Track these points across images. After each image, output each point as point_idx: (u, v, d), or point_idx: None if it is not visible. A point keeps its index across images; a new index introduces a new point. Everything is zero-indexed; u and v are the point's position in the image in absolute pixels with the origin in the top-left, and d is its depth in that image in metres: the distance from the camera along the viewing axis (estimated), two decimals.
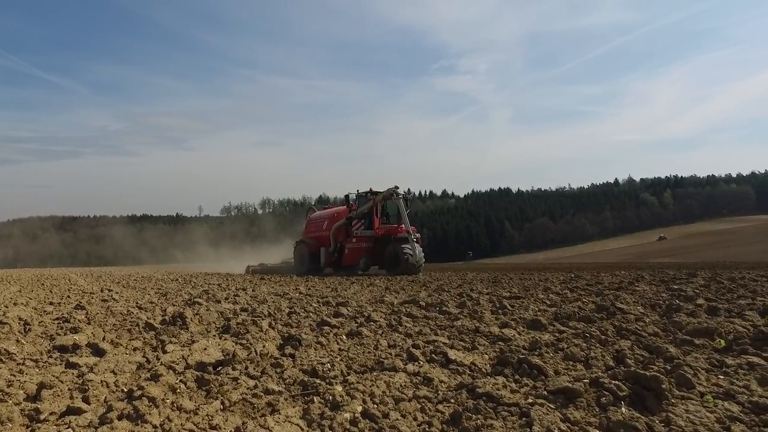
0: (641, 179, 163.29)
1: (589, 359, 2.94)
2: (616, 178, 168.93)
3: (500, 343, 3.51)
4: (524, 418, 1.96)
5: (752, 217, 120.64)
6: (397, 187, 19.35)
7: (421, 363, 2.95)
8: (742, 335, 3.50)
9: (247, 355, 3.37)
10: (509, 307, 5.54)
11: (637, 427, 1.99)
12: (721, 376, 2.58)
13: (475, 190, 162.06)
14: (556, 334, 3.78)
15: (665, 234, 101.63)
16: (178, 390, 2.51)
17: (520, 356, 2.84)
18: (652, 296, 6.96)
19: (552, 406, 2.17)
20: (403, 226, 18.77)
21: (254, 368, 3.04)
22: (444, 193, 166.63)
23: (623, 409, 2.13)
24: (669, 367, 2.68)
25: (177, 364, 2.97)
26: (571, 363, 2.92)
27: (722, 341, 3.46)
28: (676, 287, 8.08)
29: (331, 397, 2.25)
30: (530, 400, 2.17)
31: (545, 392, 2.31)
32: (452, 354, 3.03)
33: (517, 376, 2.66)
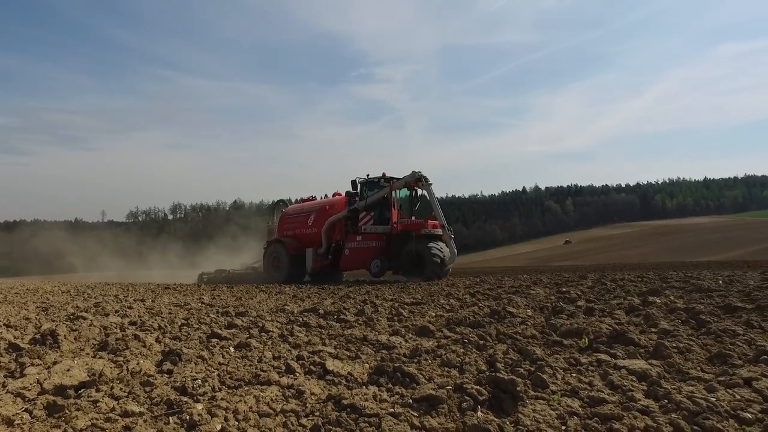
0: (546, 188, 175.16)
1: (464, 365, 3.07)
2: (524, 187, 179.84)
3: (384, 351, 3.58)
4: (378, 429, 2.00)
5: (637, 223, 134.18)
6: (420, 172, 15.42)
7: (298, 375, 2.93)
8: (602, 334, 3.83)
9: (118, 373, 3.15)
10: (406, 315, 5.66)
11: (489, 429, 2.09)
12: (574, 374, 2.80)
13: None
14: (442, 341, 3.92)
15: (570, 238, 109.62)
16: (18, 421, 2.28)
17: (396, 365, 2.90)
18: (543, 299, 7.42)
19: (415, 414, 2.23)
20: (431, 220, 15.06)
21: (121, 388, 2.84)
22: None
23: (479, 413, 2.24)
24: (532, 369, 2.87)
25: (28, 390, 2.70)
26: (446, 369, 3.03)
27: (586, 341, 3.77)
28: (564, 290, 8.69)
29: (188, 417, 2.16)
30: (391, 410, 2.22)
31: (411, 401, 2.37)
32: (331, 365, 3.04)
33: (390, 385, 2.71)
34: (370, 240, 15.57)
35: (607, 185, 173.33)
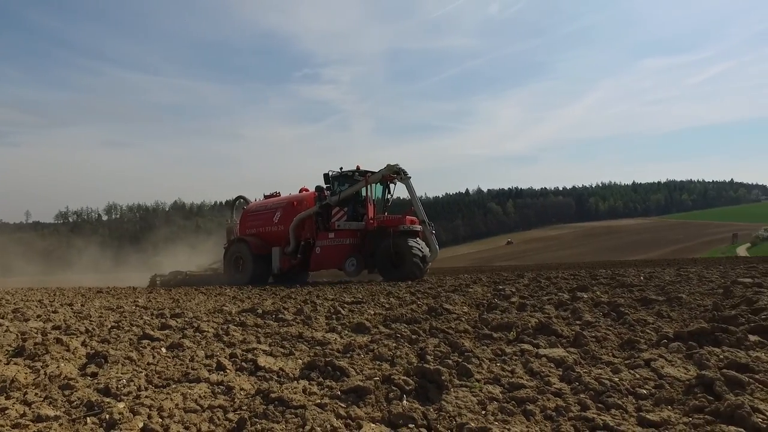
0: (488, 190, 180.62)
1: (395, 358, 3.15)
2: (467, 189, 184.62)
3: (318, 347, 3.61)
4: (303, 419, 2.04)
5: (573, 225, 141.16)
6: (398, 165, 14.70)
7: (229, 372, 2.91)
8: (529, 327, 4.04)
9: (34, 379, 3.00)
10: (344, 313, 5.70)
11: (414, 417, 2.17)
12: (498, 364, 2.95)
13: None
14: (376, 336, 3.99)
15: (511, 239, 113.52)
16: None
17: (328, 359, 2.94)
18: (480, 297, 7.68)
19: (342, 405, 2.28)
20: (408, 215, 14.48)
21: (36, 394, 2.71)
22: None
23: (405, 401, 2.33)
24: (460, 360, 2.99)
25: None
26: (378, 363, 3.10)
27: (514, 333, 3.96)
28: (501, 288, 9.02)
29: (108, 416, 2.10)
30: (319, 401, 2.27)
31: (339, 392, 2.42)
32: (263, 361, 3.04)
33: (321, 379, 2.75)
34: (343, 237, 14.66)
35: (545, 188, 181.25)
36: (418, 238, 14.19)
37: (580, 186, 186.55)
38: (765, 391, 2.21)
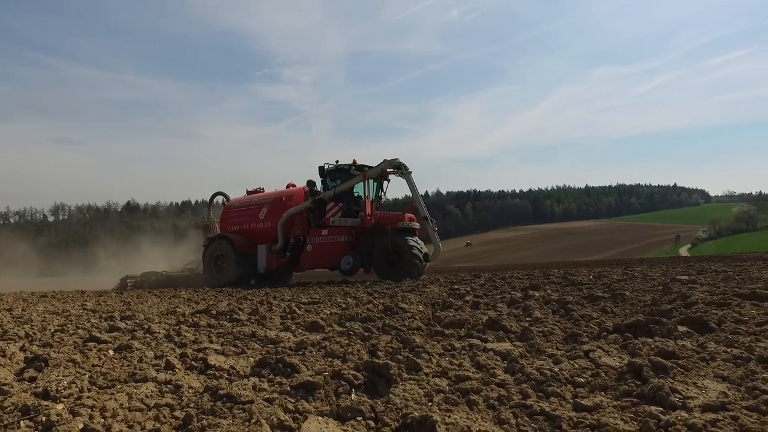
0: (447, 192, 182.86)
1: (347, 354, 3.19)
2: (426, 191, 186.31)
3: (270, 345, 3.61)
4: (250, 414, 2.05)
5: (529, 227, 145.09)
6: (398, 159, 14.09)
7: (178, 371, 2.87)
8: (479, 323, 4.17)
9: None
10: (300, 313, 5.69)
11: (362, 410, 2.22)
12: (447, 358, 3.04)
13: None
14: (329, 334, 4.02)
15: (471, 241, 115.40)
16: None
17: (279, 357, 2.95)
18: (436, 296, 7.81)
19: (291, 400, 2.30)
20: (406, 213, 13.95)
21: None
22: None
23: (353, 395, 2.37)
24: (411, 355, 3.06)
25: None
26: (329, 359, 3.13)
27: (464, 330, 4.07)
28: (457, 287, 9.20)
29: (45, 419, 2.04)
30: (267, 396, 2.28)
31: (289, 388, 2.44)
32: (213, 360, 3.02)
33: (272, 376, 2.76)
34: (338, 234, 13.87)
35: (503, 191, 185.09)
36: (416, 237, 13.77)
37: (537, 189, 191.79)
38: (685, 374, 2.38)
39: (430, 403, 2.26)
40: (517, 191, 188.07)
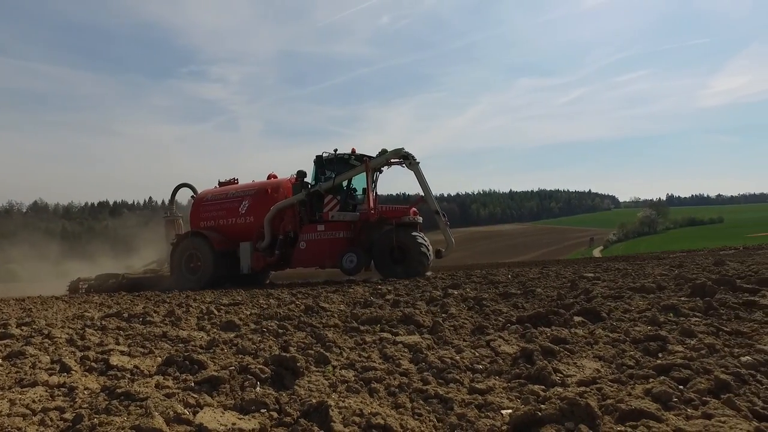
0: (378, 195, 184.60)
1: (258, 351, 3.18)
2: None
3: (181, 345, 3.52)
4: (146, 409, 2.01)
5: (457, 229, 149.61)
6: (403, 149, 13.05)
7: (74, 373, 2.74)
8: (394, 319, 4.29)
9: None
10: (217, 313, 5.56)
11: (266, 402, 2.24)
12: (357, 351, 3.12)
13: None
14: (243, 332, 3.97)
15: None
16: None
17: (186, 354, 2.89)
18: (359, 296, 7.89)
19: (194, 395, 2.27)
20: (413, 207, 13.18)
21: None
22: None
23: (258, 388, 2.38)
24: (321, 349, 3.11)
25: None
26: (240, 356, 3.11)
27: (378, 327, 4.17)
28: (380, 287, 9.35)
29: None
30: (167, 392, 2.24)
31: (193, 384, 2.41)
32: (116, 360, 2.90)
33: (177, 373, 2.70)
34: (336, 230, 12.78)
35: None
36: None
37: (464, 193, 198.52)
38: (570, 357, 2.61)
39: (333, 393, 2.32)
40: (446, 195, 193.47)
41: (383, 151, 13.25)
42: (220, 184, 15.36)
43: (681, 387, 1.99)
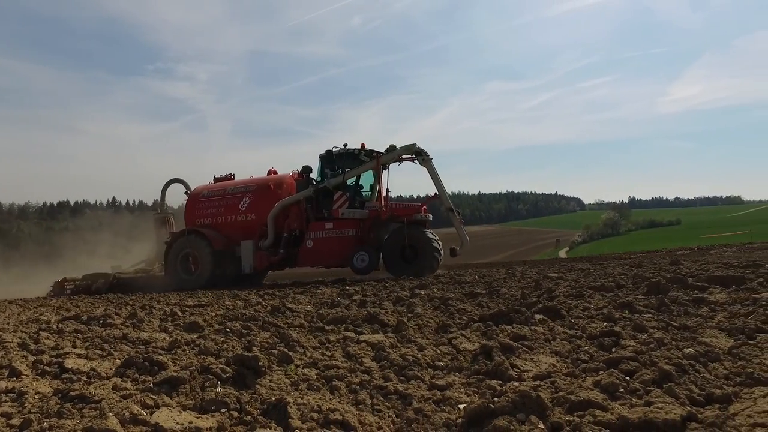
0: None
1: (221, 351, 3.15)
2: None
3: (141, 346, 3.45)
4: (100, 412, 1.97)
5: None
6: (416, 145, 12.74)
7: (25, 378, 2.65)
8: (359, 319, 4.31)
9: None
10: (181, 315, 5.47)
11: (227, 402, 2.22)
12: (320, 350, 3.13)
13: None
14: (207, 333, 3.93)
15: None
16: None
17: (146, 356, 2.84)
18: (327, 297, 7.88)
19: (153, 396, 2.24)
20: (425, 204, 12.95)
21: None
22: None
23: (219, 388, 2.36)
24: (285, 349, 3.10)
25: None
26: (202, 357, 3.08)
27: (343, 326, 4.19)
28: (348, 288, 9.35)
29: None
30: (125, 394, 2.20)
31: (152, 385, 2.37)
32: (71, 363, 2.83)
33: (136, 375, 2.66)
34: (345, 228, 12.28)
35: (401, 196, 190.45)
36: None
37: (432, 194, 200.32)
38: (528, 353, 2.69)
39: (295, 391, 2.33)
40: (416, 196, 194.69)
41: (392, 147, 12.98)
42: (216, 179, 14.70)
43: (627, 378, 2.08)
